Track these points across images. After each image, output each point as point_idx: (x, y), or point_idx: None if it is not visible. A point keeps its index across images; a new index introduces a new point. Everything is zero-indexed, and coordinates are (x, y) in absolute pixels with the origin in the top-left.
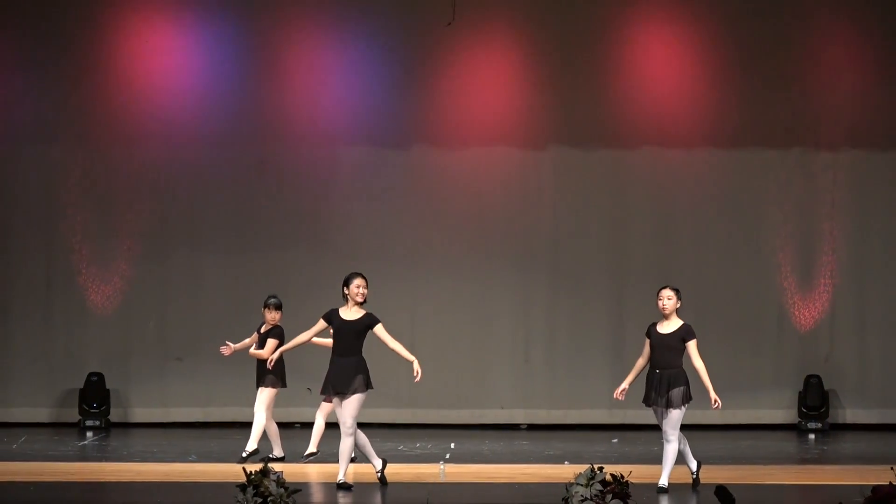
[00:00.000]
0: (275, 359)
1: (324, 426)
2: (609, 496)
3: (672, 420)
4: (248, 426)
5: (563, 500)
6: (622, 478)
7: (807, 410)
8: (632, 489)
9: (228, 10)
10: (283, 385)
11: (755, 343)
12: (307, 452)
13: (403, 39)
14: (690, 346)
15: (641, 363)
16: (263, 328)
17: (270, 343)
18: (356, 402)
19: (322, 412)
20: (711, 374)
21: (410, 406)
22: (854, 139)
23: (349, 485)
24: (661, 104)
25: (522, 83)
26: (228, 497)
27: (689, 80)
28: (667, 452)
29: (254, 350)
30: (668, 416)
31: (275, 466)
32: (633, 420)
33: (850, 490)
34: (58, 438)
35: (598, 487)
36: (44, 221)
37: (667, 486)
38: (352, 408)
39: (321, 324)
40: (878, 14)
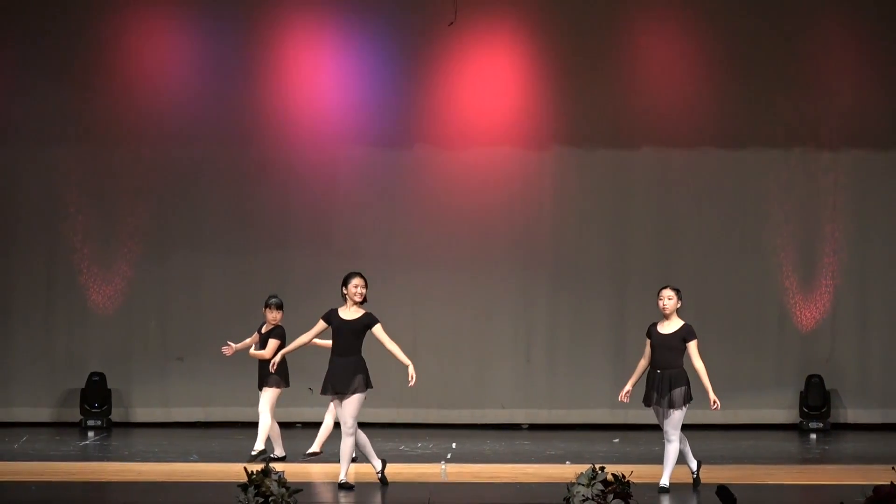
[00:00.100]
0: (277, 362)
1: (332, 427)
2: (610, 496)
3: (674, 420)
4: (250, 426)
5: (565, 500)
6: (623, 478)
7: (808, 410)
8: (633, 489)
9: (229, 11)
10: (287, 385)
11: (756, 343)
12: (309, 451)
13: (405, 39)
14: (691, 347)
15: (643, 364)
16: (264, 328)
17: (272, 344)
18: (356, 402)
19: (331, 413)
20: (712, 374)
21: (412, 406)
22: (856, 140)
23: (351, 485)
24: (663, 104)
25: (524, 83)
26: (230, 497)
27: (691, 81)
28: (668, 452)
29: (254, 350)
30: (670, 416)
31: (276, 466)
32: (635, 420)
33: (852, 490)
34: (59, 438)
35: (600, 487)
36: (45, 221)
37: (668, 486)
38: (352, 408)
39: (321, 324)
40: (880, 14)
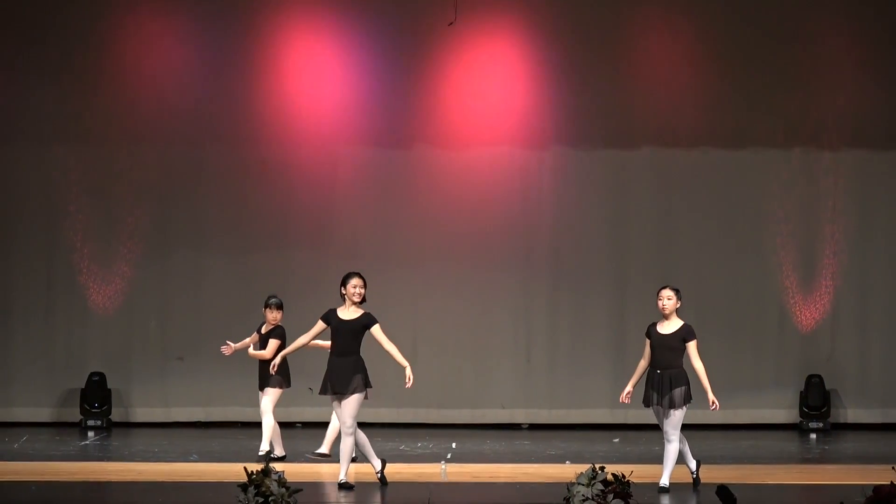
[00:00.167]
0: (277, 363)
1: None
2: (610, 496)
3: (674, 420)
4: (250, 426)
5: (565, 500)
6: (623, 477)
7: (808, 410)
8: (633, 489)
9: (229, 11)
10: (289, 385)
11: (756, 343)
12: (319, 451)
13: (405, 39)
14: (690, 347)
15: (644, 365)
16: (264, 328)
17: (272, 344)
18: (355, 402)
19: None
20: (712, 374)
21: (411, 406)
22: (856, 140)
23: (351, 484)
24: (663, 104)
25: (524, 83)
26: (230, 497)
27: (691, 81)
28: (668, 452)
29: (253, 350)
30: (670, 417)
31: (276, 466)
32: (635, 420)
33: (852, 490)
34: (59, 438)
35: (600, 487)
36: (45, 221)
37: (668, 486)
38: (351, 407)
39: (320, 325)
40: (881, 15)
